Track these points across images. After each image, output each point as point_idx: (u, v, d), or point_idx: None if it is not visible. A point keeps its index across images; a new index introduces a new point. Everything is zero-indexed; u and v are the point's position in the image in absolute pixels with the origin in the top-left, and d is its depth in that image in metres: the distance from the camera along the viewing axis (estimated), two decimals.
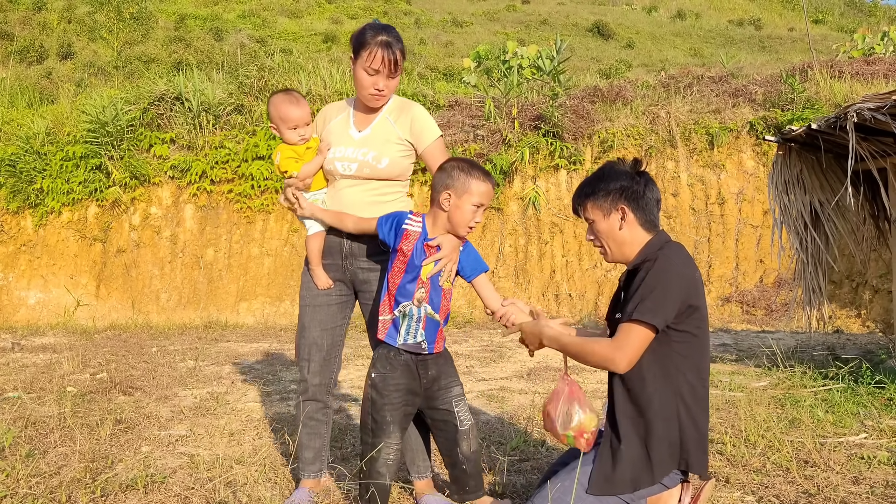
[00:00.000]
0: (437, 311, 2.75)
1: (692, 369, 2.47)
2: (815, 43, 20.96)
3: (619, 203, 2.56)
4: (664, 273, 2.40)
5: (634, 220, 2.56)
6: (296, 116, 2.97)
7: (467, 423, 2.79)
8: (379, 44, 2.85)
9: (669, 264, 2.42)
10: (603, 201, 2.58)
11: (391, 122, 2.98)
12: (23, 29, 30.58)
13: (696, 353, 2.48)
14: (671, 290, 2.38)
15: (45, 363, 6.52)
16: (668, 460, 2.45)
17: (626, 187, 2.56)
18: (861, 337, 8.20)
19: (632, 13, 50.27)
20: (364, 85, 2.90)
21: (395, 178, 2.99)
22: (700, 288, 2.49)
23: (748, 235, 10.95)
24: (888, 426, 3.95)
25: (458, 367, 6.30)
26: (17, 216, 11.33)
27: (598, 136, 11.42)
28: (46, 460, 3.49)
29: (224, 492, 3.04)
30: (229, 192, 11.21)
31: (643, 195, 2.57)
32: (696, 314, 2.45)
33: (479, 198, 2.69)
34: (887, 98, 4.64)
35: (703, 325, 2.50)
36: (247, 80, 12.17)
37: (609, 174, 2.61)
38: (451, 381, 2.82)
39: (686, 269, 2.45)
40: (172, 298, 10.91)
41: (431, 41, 35.78)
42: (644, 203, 2.56)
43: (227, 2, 40.88)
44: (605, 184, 2.59)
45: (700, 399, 2.49)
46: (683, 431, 2.45)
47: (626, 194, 2.56)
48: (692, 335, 2.46)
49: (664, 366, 2.45)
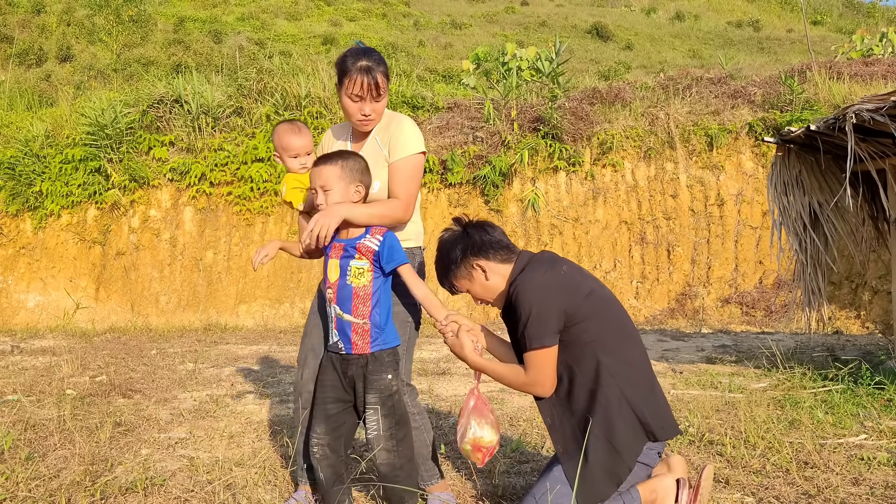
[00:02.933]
0: (347, 312, 2.71)
1: (615, 350, 2.53)
2: (813, 44, 20.97)
3: (471, 262, 2.70)
4: (528, 295, 2.52)
5: (493, 266, 2.70)
6: (297, 146, 2.98)
7: (373, 432, 2.71)
8: (359, 70, 2.84)
9: (528, 284, 2.54)
10: (460, 271, 2.72)
11: (378, 143, 2.96)
12: (22, 32, 30.58)
13: (608, 334, 2.55)
14: (543, 307, 2.50)
15: (44, 366, 6.51)
16: (634, 440, 2.48)
17: (465, 247, 2.71)
18: (860, 338, 8.20)
19: (630, 15, 50.30)
20: (351, 112, 2.91)
21: None
22: (575, 281, 2.58)
23: (747, 237, 10.95)
24: (888, 427, 3.95)
25: (458, 368, 6.31)
26: (17, 219, 11.32)
27: (597, 138, 11.42)
28: (46, 463, 3.48)
29: (224, 494, 3.03)
30: (228, 195, 11.21)
31: (482, 241, 2.70)
32: (585, 305, 2.53)
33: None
34: (886, 99, 4.64)
35: (599, 307, 2.56)
36: (246, 82, 12.17)
37: (445, 247, 2.76)
38: (370, 387, 2.72)
39: (545, 276, 2.55)
40: (172, 301, 10.90)
41: (430, 43, 35.78)
42: (488, 246, 2.70)
43: (226, 4, 40.89)
44: (449, 258, 2.74)
45: (633, 368, 2.55)
46: (634, 407, 2.49)
47: (470, 252, 2.70)
48: (592, 322, 2.52)
49: (588, 360, 2.51)
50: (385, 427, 2.72)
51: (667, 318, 10.29)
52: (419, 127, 3.32)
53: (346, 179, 2.72)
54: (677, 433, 2.59)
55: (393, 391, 2.76)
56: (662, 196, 11.28)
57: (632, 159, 11.45)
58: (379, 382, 2.73)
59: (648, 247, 11.15)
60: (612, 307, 2.62)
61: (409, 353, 3.00)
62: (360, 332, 2.71)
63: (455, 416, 4.57)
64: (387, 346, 2.76)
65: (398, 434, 2.74)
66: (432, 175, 11.17)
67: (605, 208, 11.32)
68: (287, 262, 11.01)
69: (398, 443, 2.73)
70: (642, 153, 11.39)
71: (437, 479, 3.07)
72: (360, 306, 2.71)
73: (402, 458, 2.74)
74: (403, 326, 2.95)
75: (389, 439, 2.71)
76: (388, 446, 2.71)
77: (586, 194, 11.36)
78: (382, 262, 2.71)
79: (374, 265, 2.71)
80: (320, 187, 2.71)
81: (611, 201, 11.35)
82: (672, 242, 11.08)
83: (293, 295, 10.74)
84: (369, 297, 2.71)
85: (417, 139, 2.94)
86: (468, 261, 2.70)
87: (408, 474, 2.76)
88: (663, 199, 11.27)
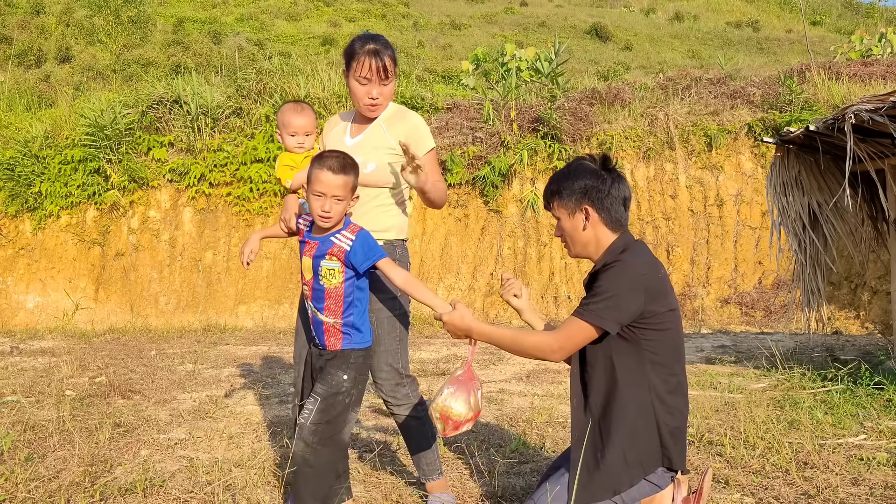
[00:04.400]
0: (321, 311, 2.72)
1: (664, 367, 2.45)
2: (812, 45, 20.99)
3: (582, 203, 2.52)
4: (619, 278, 2.39)
5: (599, 221, 2.52)
6: (296, 124, 2.99)
7: (302, 419, 2.68)
8: (367, 52, 2.87)
9: (626, 269, 2.41)
10: (568, 200, 2.55)
11: (384, 129, 2.98)
12: (21, 32, 30.57)
13: (666, 351, 2.46)
14: (624, 296, 2.37)
15: (43, 367, 6.51)
16: (649, 460, 2.41)
17: (590, 187, 2.52)
18: (860, 338, 8.20)
19: (630, 15, 50.32)
20: (358, 95, 2.93)
21: (383, 186, 2.97)
22: (663, 288, 2.46)
23: (747, 237, 10.96)
24: (887, 427, 3.95)
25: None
26: (16, 220, 11.32)
27: (596, 139, 11.42)
28: (45, 464, 3.48)
29: (223, 495, 3.03)
30: (228, 196, 11.21)
31: (608, 194, 2.52)
32: (663, 314, 2.43)
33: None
34: (885, 99, 4.64)
35: (672, 323, 2.48)
36: (245, 83, 12.17)
37: (575, 172, 2.57)
38: (323, 378, 2.72)
39: (646, 272, 2.43)
40: (171, 302, 10.90)
41: (430, 44, 35.80)
42: (609, 203, 2.52)
43: (225, 5, 40.90)
44: (570, 182, 2.55)
45: (675, 396, 2.47)
46: (661, 429, 2.42)
47: (590, 194, 2.52)
48: (660, 333, 2.43)
49: (635, 366, 2.43)
50: (314, 420, 2.66)
51: None
52: None
53: (352, 192, 2.70)
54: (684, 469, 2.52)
55: (341, 391, 2.71)
56: (662, 196, 11.29)
57: (631, 160, 11.46)
58: (333, 377, 2.71)
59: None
60: (680, 331, 2.53)
61: (403, 344, 3.00)
62: (332, 332, 2.73)
63: None
64: (358, 346, 2.76)
65: (323, 433, 2.66)
66: None
67: None
68: (286, 262, 11.01)
69: (319, 441, 2.65)
70: (641, 154, 11.40)
71: (438, 475, 3.06)
72: (333, 306, 2.71)
73: (317, 459, 2.66)
74: (392, 321, 2.94)
75: (313, 434, 2.65)
76: (308, 440, 2.65)
77: None
78: (356, 262, 2.67)
79: (346, 266, 2.68)
80: (334, 196, 2.63)
81: None
82: (671, 243, 11.08)
83: (292, 295, 10.73)
84: (341, 297, 2.70)
85: (430, 135, 3.03)
86: (582, 200, 2.52)
87: (314, 478, 2.66)
88: (662, 200, 11.27)
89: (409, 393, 3.00)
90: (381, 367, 2.96)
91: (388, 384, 2.98)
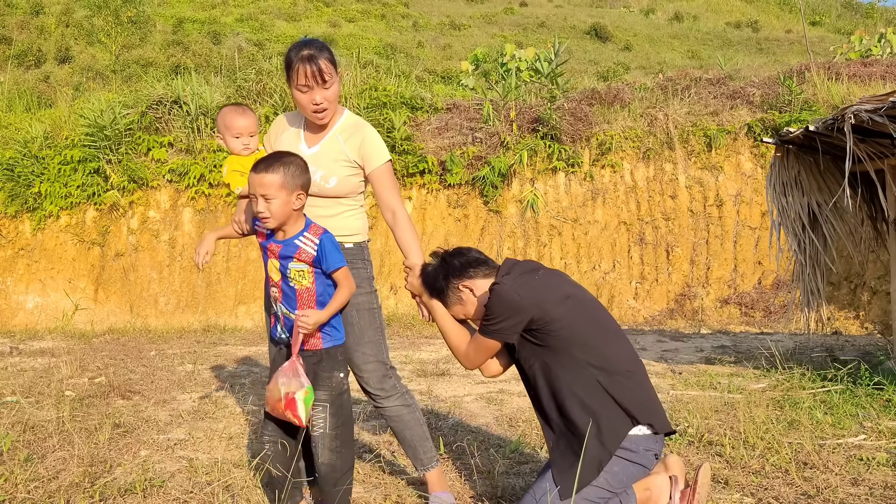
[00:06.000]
0: (293, 311, 2.70)
1: (588, 345, 2.60)
2: (812, 45, 21.00)
3: (457, 285, 2.79)
4: (497, 298, 2.62)
5: (478, 283, 2.78)
6: (239, 125, 2.97)
7: (319, 429, 2.68)
8: (301, 59, 2.82)
9: (501, 290, 2.62)
10: (450, 298, 2.82)
11: (341, 141, 2.95)
12: (20, 33, 30.55)
13: (582, 331, 2.62)
14: (507, 310, 2.59)
15: (43, 367, 6.50)
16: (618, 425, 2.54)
17: (447, 273, 2.79)
18: (859, 338, 8.21)
19: (629, 16, 50.33)
20: (303, 104, 2.88)
21: (347, 196, 2.96)
22: (550, 286, 2.66)
23: (746, 237, 10.96)
24: (887, 428, 3.95)
25: (457, 369, 6.31)
26: (15, 220, 11.31)
27: (596, 139, 11.43)
28: (45, 465, 3.48)
29: (223, 496, 3.03)
30: (227, 196, 11.20)
31: (461, 263, 2.80)
32: (558, 307, 2.60)
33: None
34: (885, 100, 4.65)
35: (575, 308, 2.64)
36: (245, 83, 12.17)
37: (430, 280, 2.84)
38: (322, 384, 2.71)
39: (519, 283, 2.62)
40: (171, 302, 10.90)
41: (429, 44, 35.80)
42: (467, 266, 2.79)
43: (224, 5, 40.88)
44: (436, 288, 2.83)
45: (613, 363, 2.61)
46: (613, 393, 2.55)
47: (453, 276, 2.79)
48: (563, 321, 2.60)
49: (565, 359, 2.60)
50: (332, 426, 2.68)
51: (666, 318, 10.30)
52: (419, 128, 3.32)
53: (288, 188, 2.63)
54: (668, 429, 2.62)
55: (343, 389, 2.74)
56: (661, 197, 11.29)
57: (631, 160, 11.46)
58: (331, 380, 2.72)
59: (647, 247, 11.15)
60: (591, 308, 2.71)
61: (384, 336, 3.03)
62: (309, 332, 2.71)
63: (455, 417, 4.58)
64: (339, 342, 2.78)
65: (343, 435, 2.71)
66: (431, 176, 11.17)
67: (604, 209, 11.33)
68: None
69: (342, 444, 2.69)
70: (641, 154, 11.40)
71: (436, 462, 3.03)
72: (306, 306, 2.70)
73: (343, 462, 2.70)
74: (372, 314, 2.96)
75: (335, 439, 2.67)
76: (332, 446, 2.67)
77: (585, 195, 11.37)
78: (322, 265, 2.69)
79: (315, 267, 2.70)
80: (262, 196, 2.60)
81: (610, 202, 11.35)
82: (671, 243, 11.09)
83: None
84: (314, 297, 2.70)
85: (385, 147, 3.02)
86: (453, 284, 2.79)
87: (346, 480, 2.70)
88: (662, 200, 11.27)
89: (395, 384, 3.01)
90: (367, 361, 2.94)
91: (374, 377, 2.95)
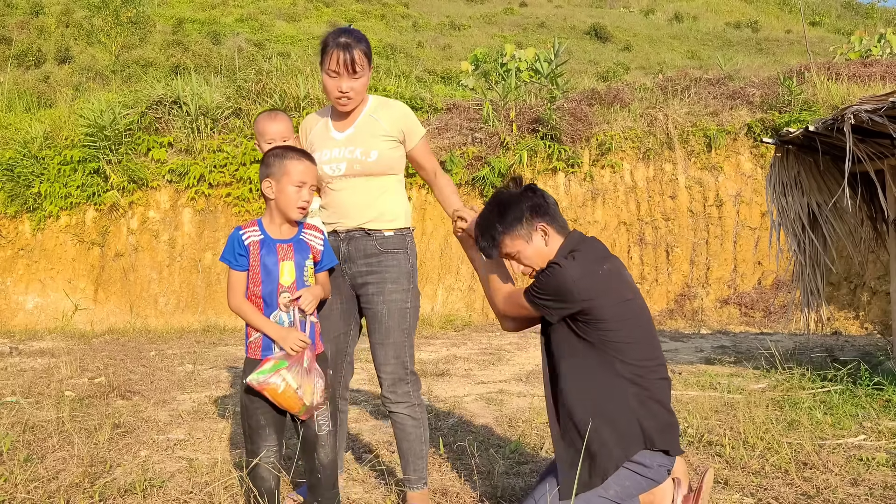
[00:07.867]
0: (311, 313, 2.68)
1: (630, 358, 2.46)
2: (812, 45, 21.01)
3: (535, 223, 2.58)
4: (557, 280, 2.44)
5: (554, 232, 2.60)
6: (271, 131, 2.98)
7: (325, 428, 2.69)
8: (337, 45, 2.81)
9: (566, 275, 2.43)
10: (520, 229, 2.58)
11: (376, 118, 2.94)
12: (20, 33, 30.56)
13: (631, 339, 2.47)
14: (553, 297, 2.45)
15: (43, 367, 6.50)
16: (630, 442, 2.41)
17: (532, 206, 2.59)
18: (859, 339, 8.21)
19: (629, 16, 50.35)
20: (329, 89, 2.87)
21: (388, 172, 2.93)
22: (609, 284, 2.48)
23: (746, 237, 10.96)
24: (887, 428, 3.95)
25: (457, 369, 6.31)
26: (15, 220, 11.31)
27: (595, 139, 11.43)
28: (45, 465, 3.48)
29: (223, 496, 3.03)
30: (227, 196, 11.20)
31: (547, 204, 2.62)
32: (613, 307, 2.45)
33: (298, 176, 2.64)
34: (884, 100, 4.65)
35: (631, 312, 2.49)
36: (245, 83, 12.17)
37: (507, 204, 2.62)
38: None
39: (586, 274, 2.44)
40: (171, 302, 10.90)
41: (429, 44, 35.82)
42: (552, 212, 2.62)
43: (224, 6, 40.90)
44: (509, 214, 2.59)
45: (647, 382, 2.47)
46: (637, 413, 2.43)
47: (537, 212, 2.59)
48: (618, 324, 2.45)
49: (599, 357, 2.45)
50: (332, 424, 2.73)
51: (666, 318, 10.30)
52: None
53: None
54: (680, 451, 2.54)
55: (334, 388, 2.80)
56: (661, 197, 11.29)
57: (630, 160, 11.46)
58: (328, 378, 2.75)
59: (647, 248, 11.15)
60: (645, 323, 2.56)
61: (410, 339, 2.95)
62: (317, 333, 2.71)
63: (455, 417, 4.57)
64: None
65: (337, 433, 2.80)
66: None
67: (604, 209, 11.33)
68: None
69: (334, 440, 2.76)
70: (641, 154, 11.40)
71: (423, 485, 2.95)
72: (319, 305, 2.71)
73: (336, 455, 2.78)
74: (403, 314, 2.90)
75: (331, 436, 2.73)
76: (330, 443, 2.72)
77: (585, 195, 11.37)
78: (323, 262, 2.70)
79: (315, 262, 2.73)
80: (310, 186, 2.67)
81: (609, 202, 11.35)
82: (671, 243, 11.09)
83: None
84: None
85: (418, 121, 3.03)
86: (534, 221, 2.57)
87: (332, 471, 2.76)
88: (662, 200, 11.27)
89: (409, 391, 2.91)
90: (388, 360, 2.89)
91: (390, 378, 2.89)
